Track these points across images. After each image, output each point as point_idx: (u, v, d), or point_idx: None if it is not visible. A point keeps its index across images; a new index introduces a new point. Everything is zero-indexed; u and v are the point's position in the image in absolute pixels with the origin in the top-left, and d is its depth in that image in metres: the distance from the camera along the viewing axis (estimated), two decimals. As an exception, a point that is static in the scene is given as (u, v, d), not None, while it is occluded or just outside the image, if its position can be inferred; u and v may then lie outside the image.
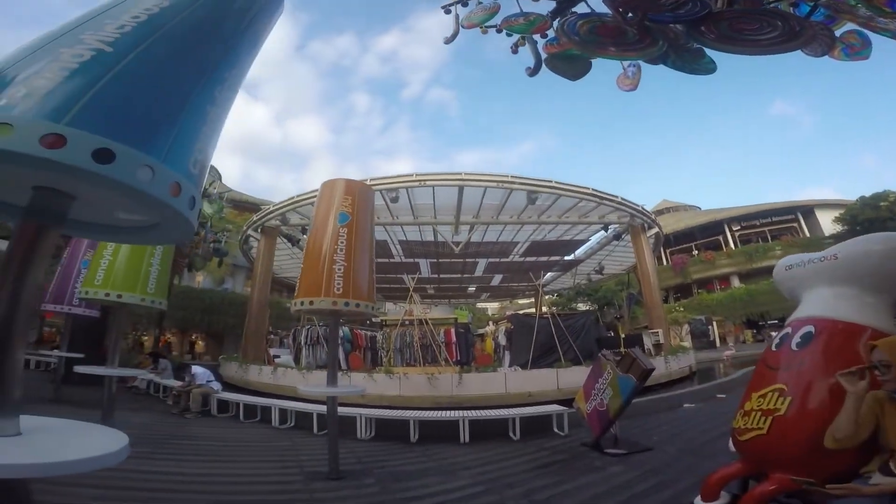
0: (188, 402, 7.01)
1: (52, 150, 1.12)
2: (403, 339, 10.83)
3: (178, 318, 19.76)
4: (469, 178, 10.48)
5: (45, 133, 1.12)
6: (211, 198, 12.10)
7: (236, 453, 4.97)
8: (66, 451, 1.37)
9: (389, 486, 3.63)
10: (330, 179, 4.82)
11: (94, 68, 1.25)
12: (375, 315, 4.76)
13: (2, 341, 1.38)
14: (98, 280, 5.07)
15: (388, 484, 3.71)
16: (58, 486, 2.99)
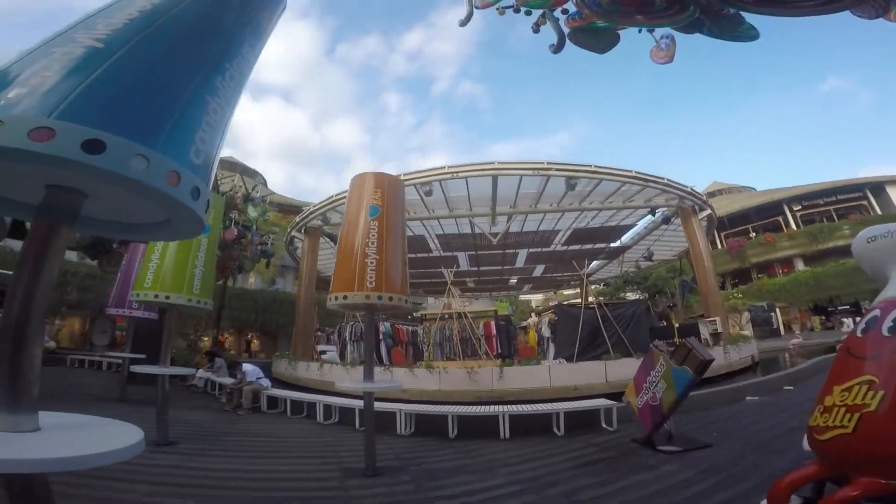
0: (240, 399, 7.28)
1: (40, 143, 1.11)
2: (443, 333, 10.77)
3: (233, 318, 20.96)
4: (503, 168, 10.22)
5: (33, 127, 1.12)
6: (254, 202, 12.51)
7: (280, 449, 5.05)
8: (80, 446, 1.37)
9: (424, 484, 3.54)
10: (359, 174, 4.78)
11: (84, 64, 1.26)
12: (409, 308, 4.68)
13: (18, 339, 1.40)
14: (147, 283, 5.31)
15: (423, 481, 3.63)
16: (112, 481, 3.14)
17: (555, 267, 19.40)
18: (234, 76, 1.63)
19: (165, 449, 4.51)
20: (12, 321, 1.40)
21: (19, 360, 1.38)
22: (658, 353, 5.03)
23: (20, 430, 1.37)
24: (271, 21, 1.89)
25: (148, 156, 1.26)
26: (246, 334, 24.14)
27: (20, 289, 1.43)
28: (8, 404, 1.37)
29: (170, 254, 5.42)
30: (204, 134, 1.48)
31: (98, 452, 1.32)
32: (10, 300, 1.43)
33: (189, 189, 1.39)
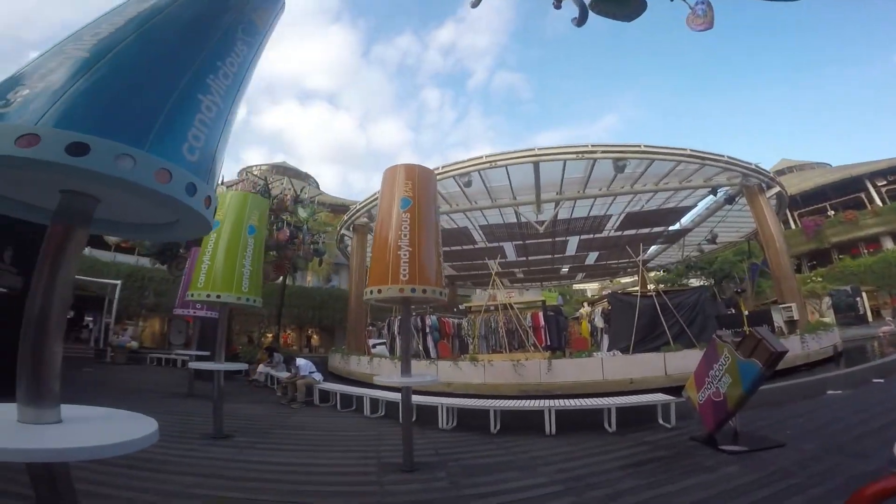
0: (294, 392, 7.57)
1: (26, 149, 1.17)
2: (488, 325, 10.61)
3: (294, 315, 22.05)
4: (544, 153, 9.84)
5: (20, 134, 1.18)
6: (304, 203, 12.99)
7: (325, 443, 5.15)
8: (96, 438, 1.42)
9: (460, 481, 3.45)
10: (391, 166, 4.75)
11: (70, 73, 1.31)
12: (443, 300, 4.61)
13: (39, 335, 1.48)
14: (200, 283, 5.61)
15: (460, 478, 3.54)
16: (161, 473, 3.33)
17: (609, 254, 18.58)
18: (228, 74, 1.65)
19: (220, 442, 4.74)
20: (33, 319, 1.48)
21: (40, 356, 1.46)
22: (722, 344, 4.61)
23: (42, 422, 1.45)
24: (267, 21, 1.90)
25: (134, 155, 1.29)
26: (306, 330, 25.29)
27: (39, 288, 1.51)
28: (30, 398, 1.45)
29: (219, 255, 5.69)
30: (198, 131, 1.51)
31: (112, 443, 1.38)
32: (31, 300, 1.51)
33: (183, 186, 1.42)
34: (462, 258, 18.05)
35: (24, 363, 1.47)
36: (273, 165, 29.47)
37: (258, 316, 19.03)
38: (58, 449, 1.30)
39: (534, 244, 16.37)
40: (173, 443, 4.49)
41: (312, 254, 13.69)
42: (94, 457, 1.36)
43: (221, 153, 1.73)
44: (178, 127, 1.44)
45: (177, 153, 1.43)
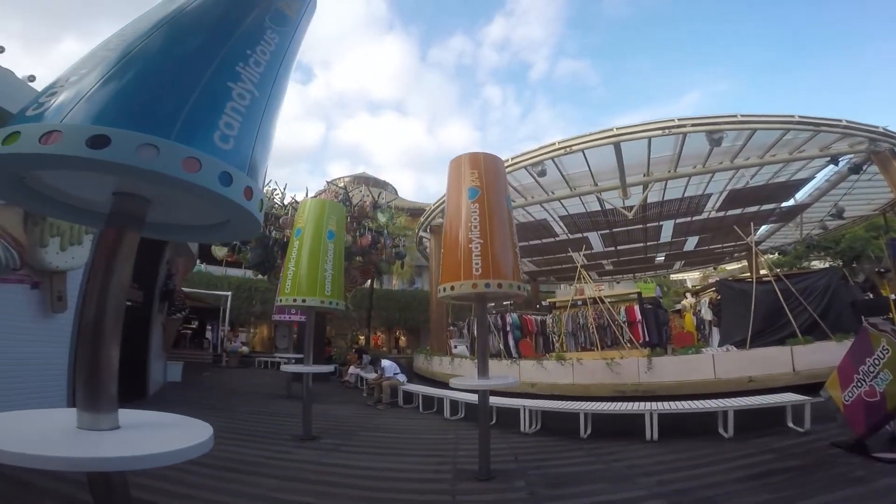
0: (380, 394, 7.70)
1: (48, 146, 1.17)
2: (576, 321, 9.94)
3: (382, 317, 22.99)
4: (624, 133, 8.94)
5: (43, 132, 1.18)
6: (382, 208, 13.32)
7: (403, 446, 5.08)
8: (153, 445, 1.40)
9: (540, 492, 3.11)
10: (455, 157, 4.53)
11: (95, 73, 1.34)
12: (522, 294, 4.29)
13: (95, 340, 1.50)
14: (287, 289, 5.86)
15: (540, 489, 3.20)
16: (249, 475, 3.43)
17: (711, 237, 16.64)
18: (260, 62, 1.61)
19: (307, 444, 4.86)
20: (89, 324, 1.48)
21: (97, 360, 1.46)
22: (877, 334, 3.82)
23: (100, 429, 1.44)
24: (297, 10, 1.87)
25: (158, 144, 1.24)
26: (394, 332, 26.20)
27: (94, 293, 1.52)
28: (87, 403, 1.45)
29: (303, 262, 5.90)
30: (230, 119, 1.45)
31: (165, 451, 1.34)
32: (86, 305, 1.51)
33: (216, 175, 1.35)
34: (543, 252, 17.32)
35: (81, 369, 1.47)
36: (355, 176, 31.01)
37: (351, 319, 20.05)
38: (108, 458, 1.28)
39: (622, 232, 15.18)
40: (266, 444, 4.70)
41: (394, 257, 13.98)
42: (146, 466, 1.31)
43: (264, 142, 1.67)
44: (207, 115, 1.39)
45: (207, 142, 1.38)
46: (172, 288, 10.09)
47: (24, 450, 1.18)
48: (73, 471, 1.29)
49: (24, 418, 1.53)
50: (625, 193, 10.76)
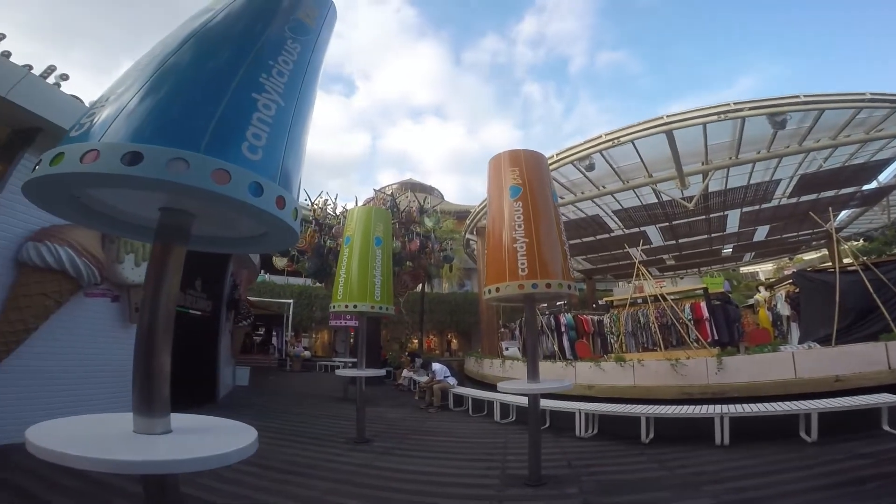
0: (431, 396, 7.71)
1: (88, 164, 1.23)
2: (636, 320, 9.42)
3: (435, 320, 23.19)
4: (675, 120, 8.37)
5: (83, 152, 1.25)
6: (428, 213, 13.43)
7: (452, 450, 5.04)
8: (199, 449, 1.43)
9: (593, 500, 2.93)
10: (494, 156, 4.44)
11: (128, 91, 1.40)
12: (573, 294, 4.11)
13: (149, 347, 1.56)
14: (340, 295, 6.02)
15: (593, 496, 3.01)
16: (303, 476, 3.53)
17: (784, 226, 15.25)
18: (284, 72, 1.63)
19: (360, 447, 4.95)
20: (143, 333, 1.56)
21: (151, 367, 1.53)
22: None
23: (153, 433, 1.51)
24: (316, 20, 1.88)
25: (187, 158, 1.28)
26: (446, 335, 26.29)
27: (147, 302, 1.59)
28: (143, 408, 1.51)
29: (353, 268, 6.05)
30: (258, 130, 1.47)
31: (212, 455, 1.39)
32: (141, 316, 1.59)
33: (246, 185, 1.37)
34: (597, 249, 16.66)
35: (135, 375, 1.55)
36: (402, 183, 31.53)
37: (404, 323, 20.38)
38: (156, 461, 1.34)
39: (683, 225, 14.27)
40: (322, 446, 4.84)
41: (442, 261, 14.05)
42: (191, 469, 1.36)
43: (294, 153, 1.68)
44: (234, 127, 1.42)
45: (235, 153, 1.40)
46: (238, 297, 10.73)
47: (85, 453, 1.24)
48: (126, 473, 1.35)
49: (90, 423, 1.62)
50: (683, 183, 10.10)
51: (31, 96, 4.25)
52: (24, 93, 4.17)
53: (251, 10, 1.67)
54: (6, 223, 4.27)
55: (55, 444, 1.27)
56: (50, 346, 4.55)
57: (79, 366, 4.86)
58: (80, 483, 3.11)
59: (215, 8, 1.64)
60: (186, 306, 7.99)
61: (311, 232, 12.19)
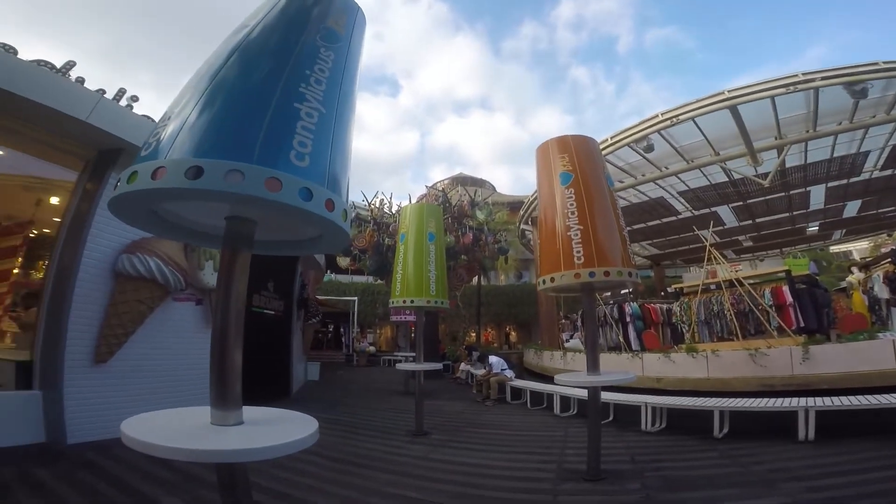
0: (488, 389, 7.71)
1: (158, 181, 1.35)
2: (709, 307, 8.79)
3: (492, 313, 23.12)
4: (738, 95, 7.68)
5: (153, 169, 1.37)
6: (479, 205, 13.38)
7: (508, 443, 5.00)
8: (265, 439, 1.53)
9: (656, 496, 2.78)
10: (541, 144, 4.34)
11: (187, 106, 1.52)
12: (637, 283, 3.93)
13: (223, 345, 1.69)
14: (397, 291, 6.19)
15: (657, 493, 2.86)
16: (365, 468, 3.67)
17: (878, 200, 13.52)
18: (321, 80, 1.70)
19: (418, 439, 5.07)
20: (217, 333, 1.69)
21: (224, 364, 1.65)
22: None
23: (227, 424, 1.63)
24: (346, 26, 1.92)
25: (242, 169, 1.37)
26: (504, 327, 26.14)
27: (220, 307, 1.73)
28: (218, 402, 1.65)
29: (409, 265, 6.19)
30: (303, 138, 1.56)
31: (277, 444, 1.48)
32: (214, 317, 1.74)
33: (296, 191, 1.45)
34: (664, 233, 15.72)
35: (212, 371, 1.69)
36: (453, 178, 31.62)
37: (462, 317, 20.54)
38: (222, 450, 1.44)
39: (759, 203, 13.08)
40: (383, 439, 5.03)
41: (497, 253, 13.96)
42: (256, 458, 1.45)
43: (339, 157, 1.74)
44: (281, 137, 1.50)
45: (285, 161, 1.49)
46: (306, 296, 11.35)
47: (166, 443, 1.38)
48: (200, 461, 1.48)
49: (174, 416, 1.79)
50: (755, 160, 9.27)
51: (109, 119, 4.70)
52: (103, 116, 4.62)
53: (282, 22, 1.74)
54: (103, 238, 4.82)
55: (143, 435, 1.40)
56: (145, 348, 5.09)
57: (170, 364, 5.40)
58: (171, 474, 3.42)
59: (250, 24, 1.72)
60: (261, 307, 8.57)
61: (371, 231, 12.59)
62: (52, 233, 5.80)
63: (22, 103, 4.07)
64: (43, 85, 4.22)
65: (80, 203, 4.90)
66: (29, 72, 4.20)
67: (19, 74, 4.05)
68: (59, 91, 4.34)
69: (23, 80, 4.04)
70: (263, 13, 1.76)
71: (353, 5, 2.00)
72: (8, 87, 3.91)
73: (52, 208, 5.83)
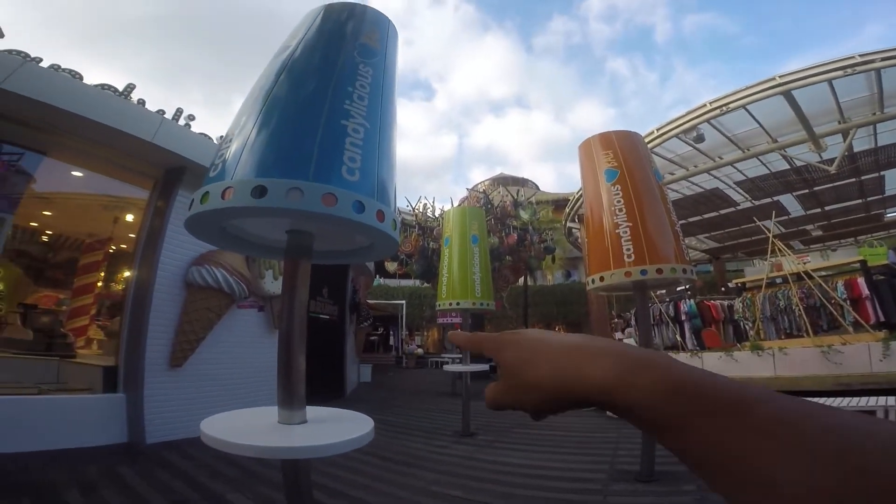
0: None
1: (227, 200, 1.47)
2: (774, 302, 8.23)
3: (540, 314, 22.80)
4: (791, 80, 7.16)
5: (223, 189, 1.49)
6: (522, 205, 13.26)
7: (558, 443, 4.94)
8: (327, 437, 1.63)
9: (713, 497, 2.63)
10: (583, 141, 4.27)
11: (247, 126, 1.63)
12: (692, 279, 3.78)
13: (288, 349, 1.82)
14: (443, 294, 6.28)
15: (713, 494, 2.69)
16: (413, 468, 3.76)
17: (971, 178, 12.12)
18: (363, 96, 1.77)
19: (465, 440, 5.12)
20: (283, 337, 1.83)
21: (290, 367, 1.78)
22: None
23: (292, 423, 1.76)
24: (379, 41, 1.98)
25: (301, 187, 1.48)
26: (554, 328, 25.67)
27: (285, 314, 1.86)
28: (284, 402, 1.78)
29: (454, 268, 6.27)
30: (352, 153, 1.64)
31: (335, 442, 1.57)
32: (280, 323, 1.88)
33: (349, 205, 1.55)
34: (721, 226, 14.85)
35: (279, 373, 1.83)
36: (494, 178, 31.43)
37: (508, 318, 20.38)
38: (285, 447, 1.55)
39: (827, 190, 12.07)
40: (430, 439, 5.12)
41: (543, 252, 13.78)
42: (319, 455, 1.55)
43: (386, 169, 1.83)
44: (333, 154, 1.59)
45: (337, 177, 1.57)
46: (358, 301, 11.73)
47: (236, 440, 1.49)
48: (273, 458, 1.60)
49: (245, 415, 1.93)
50: (817, 146, 8.60)
51: (172, 138, 5.03)
52: (166, 136, 4.95)
53: (321, 41, 1.83)
54: (175, 251, 5.22)
55: (219, 433, 1.52)
56: (214, 353, 5.48)
57: (235, 367, 5.77)
58: (237, 472, 3.65)
59: (292, 44, 1.81)
60: (317, 312, 8.97)
61: (416, 236, 12.82)
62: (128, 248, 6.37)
63: (92, 126, 4.40)
64: (110, 108, 4.55)
65: (152, 220, 5.32)
66: (95, 96, 4.53)
67: (87, 99, 4.38)
68: (125, 113, 4.69)
69: (90, 104, 4.37)
70: (302, 32, 1.86)
71: (383, 19, 2.08)
72: (77, 110, 4.23)
73: (128, 225, 6.40)
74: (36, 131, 4.43)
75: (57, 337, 5.91)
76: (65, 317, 6.84)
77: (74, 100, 4.24)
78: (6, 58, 3.99)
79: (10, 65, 3.87)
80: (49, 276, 7.55)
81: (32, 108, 4.05)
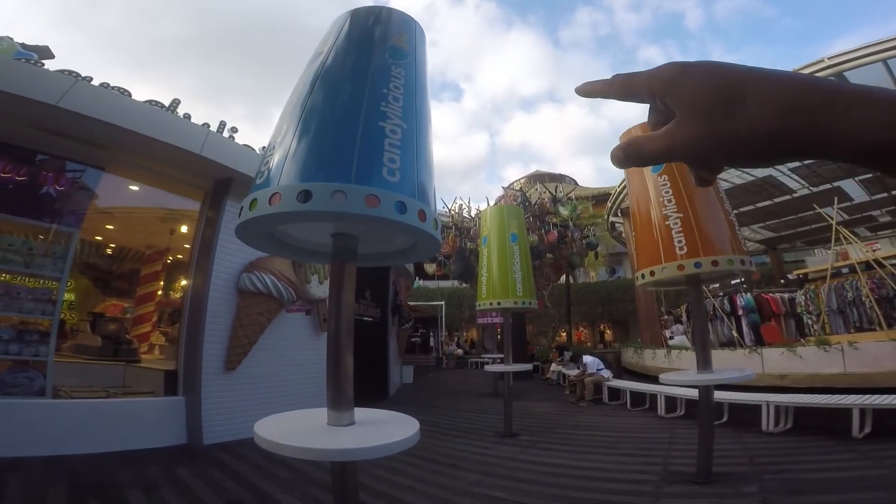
0: (583, 390, 7.40)
1: (274, 206, 1.50)
2: (841, 294, 7.62)
3: (583, 312, 22.23)
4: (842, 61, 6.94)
5: (270, 195, 1.52)
6: (561, 201, 12.96)
7: (606, 444, 4.78)
8: (375, 439, 1.64)
9: (775, 500, 2.43)
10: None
11: (288, 133, 1.66)
12: (751, 271, 3.55)
13: (336, 351, 1.83)
14: (483, 293, 6.24)
15: (777, 496, 2.52)
16: (455, 468, 3.72)
17: None
18: (398, 97, 1.77)
19: (507, 440, 5.03)
20: (332, 340, 1.85)
21: (338, 368, 1.80)
22: None
23: (341, 425, 1.77)
24: (409, 42, 1.99)
25: (345, 190, 1.49)
26: (598, 326, 24.92)
27: (333, 312, 1.89)
28: (334, 404, 1.80)
29: (493, 267, 6.21)
30: (392, 155, 1.65)
31: (382, 444, 1.59)
32: (328, 325, 1.91)
33: (392, 206, 1.55)
34: (777, 214, 13.94)
35: (328, 375, 1.84)
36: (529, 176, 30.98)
37: (550, 317, 20.01)
38: (332, 449, 1.57)
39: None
40: (472, 439, 5.07)
41: (586, 248, 13.42)
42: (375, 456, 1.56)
43: (424, 168, 1.82)
44: (373, 156, 1.60)
45: (378, 179, 1.57)
46: (399, 303, 11.86)
47: (288, 442, 1.52)
48: (324, 460, 1.62)
49: (296, 417, 1.96)
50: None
51: (219, 150, 5.22)
52: (213, 148, 5.14)
53: (353, 46, 1.83)
54: (226, 260, 5.45)
55: (272, 435, 1.54)
56: (265, 356, 5.66)
57: (286, 369, 5.95)
58: (287, 472, 3.72)
59: (324, 51, 1.82)
60: (361, 314, 9.14)
61: (452, 237, 12.82)
62: (184, 258, 6.72)
63: (142, 140, 4.62)
64: (158, 122, 4.77)
65: (204, 230, 5.57)
66: (144, 111, 4.76)
67: (136, 114, 4.61)
68: (173, 127, 4.91)
69: (140, 118, 4.59)
70: (333, 39, 1.87)
71: (410, 21, 2.07)
72: (128, 125, 4.46)
73: (183, 236, 6.76)
74: (92, 147, 4.70)
75: (122, 343, 6.33)
76: (129, 324, 7.33)
77: (124, 115, 4.48)
78: (60, 77, 4.26)
79: (63, 84, 4.14)
80: (114, 286, 8.11)
81: (87, 124, 4.31)
